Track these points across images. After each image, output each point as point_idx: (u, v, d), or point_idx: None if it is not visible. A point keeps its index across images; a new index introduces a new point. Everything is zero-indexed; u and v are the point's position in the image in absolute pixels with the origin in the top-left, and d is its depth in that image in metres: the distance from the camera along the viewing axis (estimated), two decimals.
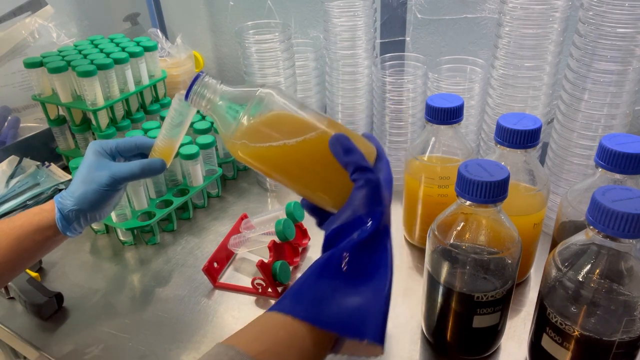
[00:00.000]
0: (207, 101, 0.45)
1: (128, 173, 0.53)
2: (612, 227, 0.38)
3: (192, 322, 0.61)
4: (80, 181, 0.53)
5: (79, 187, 0.53)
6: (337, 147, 0.42)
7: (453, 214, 0.49)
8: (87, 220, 0.54)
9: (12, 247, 0.52)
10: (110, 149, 0.55)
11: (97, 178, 0.52)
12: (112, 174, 0.52)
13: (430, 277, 0.51)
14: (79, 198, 0.52)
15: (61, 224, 0.53)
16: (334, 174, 0.44)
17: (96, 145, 0.55)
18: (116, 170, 0.53)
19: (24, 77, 0.97)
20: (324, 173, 0.45)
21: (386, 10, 0.88)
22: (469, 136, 0.76)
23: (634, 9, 0.54)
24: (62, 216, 0.53)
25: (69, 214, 0.53)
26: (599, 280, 0.42)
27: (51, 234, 0.53)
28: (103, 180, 0.52)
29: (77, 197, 0.52)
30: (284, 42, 0.73)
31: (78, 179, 0.53)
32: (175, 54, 1.06)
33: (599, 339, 0.42)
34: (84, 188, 0.52)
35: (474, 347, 0.53)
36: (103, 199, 0.53)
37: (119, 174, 0.52)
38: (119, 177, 0.52)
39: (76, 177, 0.54)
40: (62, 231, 0.53)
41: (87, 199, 0.52)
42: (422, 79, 0.73)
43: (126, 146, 0.55)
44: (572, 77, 0.61)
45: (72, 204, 0.52)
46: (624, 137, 0.49)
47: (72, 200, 0.53)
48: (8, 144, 0.91)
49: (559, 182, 0.66)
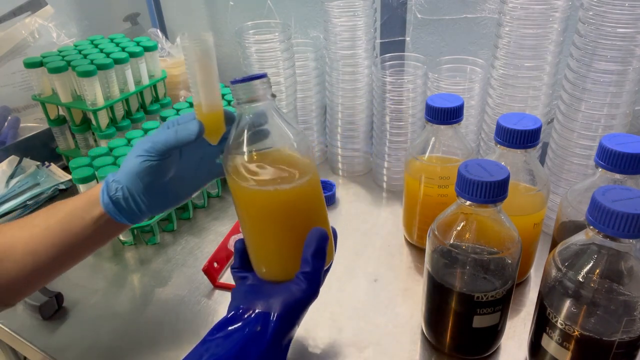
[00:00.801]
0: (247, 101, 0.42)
1: (164, 137, 0.46)
2: (612, 227, 0.38)
3: (192, 322, 0.61)
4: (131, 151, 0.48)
5: (127, 157, 0.48)
6: (312, 242, 0.43)
7: (453, 214, 0.49)
8: (130, 196, 0.47)
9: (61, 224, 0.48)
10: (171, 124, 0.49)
11: (141, 144, 0.47)
12: (152, 138, 0.47)
13: (430, 277, 0.51)
14: (122, 168, 0.48)
15: (102, 195, 0.47)
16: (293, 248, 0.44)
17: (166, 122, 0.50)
18: (155, 134, 0.47)
19: (24, 77, 0.97)
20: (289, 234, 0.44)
21: (386, 10, 0.88)
22: (469, 136, 0.76)
23: (634, 9, 0.54)
24: (106, 187, 0.47)
25: (113, 185, 0.47)
26: (599, 280, 0.42)
27: (98, 214, 0.48)
28: (144, 146, 0.46)
29: (121, 167, 0.48)
30: (284, 42, 0.73)
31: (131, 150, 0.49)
32: (175, 54, 1.06)
33: (599, 339, 0.42)
34: (129, 156, 0.48)
35: (474, 347, 0.53)
36: (143, 168, 0.46)
37: (156, 138, 0.46)
38: (156, 141, 0.46)
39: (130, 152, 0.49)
40: (104, 205, 0.47)
41: (128, 168, 0.47)
42: (422, 79, 0.73)
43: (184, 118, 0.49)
44: (572, 77, 0.61)
45: (117, 175, 0.48)
46: (624, 137, 0.49)
47: (118, 170, 0.48)
48: (8, 144, 0.91)
49: (559, 182, 0.66)
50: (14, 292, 0.50)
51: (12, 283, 0.48)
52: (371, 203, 0.81)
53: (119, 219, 0.48)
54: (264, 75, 0.43)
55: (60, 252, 0.48)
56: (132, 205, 0.48)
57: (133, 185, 0.47)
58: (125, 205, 0.47)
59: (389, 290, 0.64)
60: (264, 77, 0.43)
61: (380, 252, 0.70)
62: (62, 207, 0.49)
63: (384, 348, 0.56)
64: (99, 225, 0.48)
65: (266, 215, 0.44)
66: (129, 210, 0.48)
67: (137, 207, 0.48)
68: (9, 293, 0.49)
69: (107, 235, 0.50)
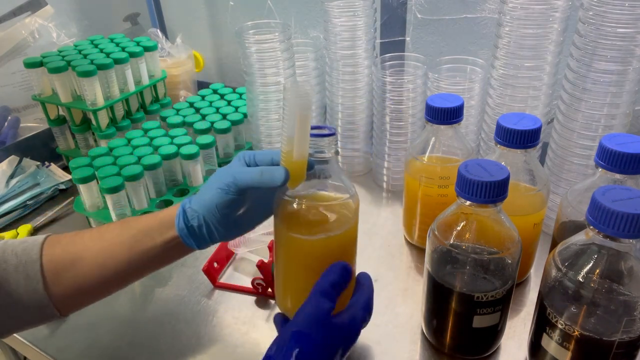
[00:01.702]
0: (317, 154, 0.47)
1: (248, 176, 0.47)
2: (612, 227, 0.38)
3: (192, 322, 0.61)
4: (209, 182, 0.49)
5: (205, 187, 0.49)
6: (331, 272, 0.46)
7: (453, 214, 0.49)
8: (205, 226, 0.48)
9: (132, 241, 0.48)
10: (251, 160, 0.50)
11: (223, 178, 0.48)
12: (235, 174, 0.47)
13: (430, 277, 0.51)
14: (201, 198, 0.48)
15: (178, 220, 0.48)
16: None
17: (241, 154, 0.51)
18: (238, 172, 0.47)
19: (24, 77, 0.97)
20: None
21: (386, 10, 0.88)
22: (469, 136, 0.76)
23: (634, 9, 0.54)
24: (184, 213, 0.48)
25: (190, 212, 0.48)
26: (599, 280, 0.42)
27: (170, 237, 0.48)
28: (226, 180, 0.47)
29: (200, 196, 0.49)
30: (284, 42, 0.73)
31: (208, 181, 0.50)
32: (175, 54, 1.06)
33: (599, 339, 0.42)
34: (208, 187, 0.48)
35: (474, 347, 0.53)
36: (222, 201, 0.47)
37: (239, 176, 0.47)
38: (239, 178, 0.47)
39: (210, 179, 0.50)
40: (179, 231, 0.48)
41: (207, 199, 0.48)
42: (422, 79, 0.73)
43: (264, 158, 0.50)
44: (572, 77, 0.61)
45: (194, 203, 0.48)
46: (624, 137, 0.49)
47: (196, 199, 0.49)
48: (8, 144, 0.91)
49: (559, 182, 0.66)
50: (73, 303, 0.50)
51: (74, 293, 0.48)
52: (371, 203, 0.81)
53: (189, 243, 0.49)
54: (333, 133, 0.47)
55: (127, 268, 0.49)
56: (204, 233, 0.49)
57: (210, 215, 0.48)
58: (198, 233, 0.48)
59: (389, 290, 0.64)
60: (333, 135, 0.47)
61: (380, 252, 0.70)
62: (134, 224, 0.49)
63: (384, 348, 0.56)
64: (167, 247, 0.49)
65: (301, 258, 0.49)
66: (201, 237, 0.49)
67: (210, 235, 0.49)
68: (68, 302, 0.49)
69: (173, 257, 0.51)
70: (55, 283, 0.47)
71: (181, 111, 0.90)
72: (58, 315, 0.48)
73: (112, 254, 0.48)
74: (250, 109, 0.79)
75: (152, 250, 0.49)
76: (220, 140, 0.86)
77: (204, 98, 0.95)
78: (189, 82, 1.08)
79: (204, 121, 0.86)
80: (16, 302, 0.46)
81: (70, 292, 0.48)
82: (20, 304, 0.46)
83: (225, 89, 0.99)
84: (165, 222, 0.49)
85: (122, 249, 0.48)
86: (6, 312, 0.47)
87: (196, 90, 1.10)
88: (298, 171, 0.46)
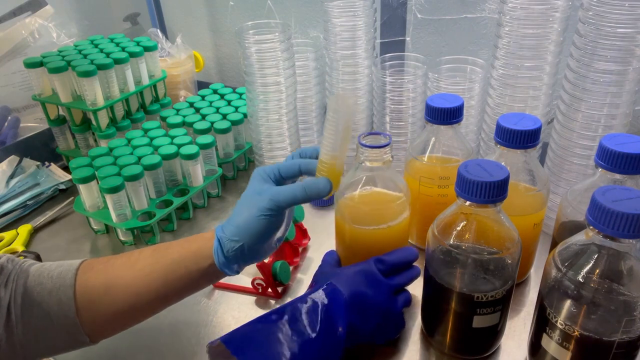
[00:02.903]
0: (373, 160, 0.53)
1: (290, 195, 0.47)
2: (612, 227, 0.38)
3: (192, 322, 0.61)
4: (242, 208, 0.48)
5: (240, 214, 0.48)
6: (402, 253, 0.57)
7: (453, 214, 0.49)
8: (246, 253, 0.48)
9: (166, 271, 0.48)
10: (274, 174, 0.50)
11: (258, 202, 0.47)
12: (272, 196, 0.47)
13: (430, 277, 0.51)
14: (239, 226, 0.47)
15: (217, 254, 0.48)
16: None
17: (259, 171, 0.50)
18: (276, 192, 0.47)
19: (24, 77, 0.97)
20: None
21: (386, 10, 0.88)
22: (469, 136, 0.76)
23: (634, 9, 0.54)
24: (220, 247, 0.48)
25: (228, 244, 0.47)
26: (599, 280, 0.42)
27: (206, 266, 0.48)
28: (263, 204, 0.47)
29: (237, 225, 0.47)
30: (284, 42, 0.73)
31: (240, 207, 0.49)
32: (175, 54, 1.06)
33: (599, 339, 0.42)
34: (245, 214, 0.47)
35: (474, 347, 0.53)
36: (264, 226, 0.47)
37: (280, 197, 0.47)
38: (280, 200, 0.47)
39: (238, 205, 0.49)
40: (218, 264, 0.48)
41: (248, 227, 0.47)
42: (422, 79, 0.73)
43: (289, 170, 0.50)
44: (572, 77, 0.61)
45: (231, 232, 0.47)
46: (624, 137, 0.49)
47: (233, 228, 0.47)
48: (8, 144, 0.91)
49: (559, 182, 0.66)
50: (104, 330, 0.49)
51: (105, 321, 0.48)
52: None
53: (229, 272, 0.49)
54: (389, 143, 0.53)
55: (161, 297, 0.49)
56: (247, 260, 0.49)
57: (253, 242, 0.47)
58: (241, 261, 0.49)
59: None
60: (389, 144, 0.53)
61: None
62: (167, 254, 0.49)
63: (384, 348, 0.56)
64: (203, 275, 0.49)
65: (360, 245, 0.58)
66: (243, 263, 0.49)
67: (253, 260, 0.49)
68: (99, 329, 0.49)
69: (209, 281, 0.52)
70: (87, 310, 0.47)
71: (181, 111, 0.90)
72: (88, 342, 0.48)
73: (146, 283, 0.48)
74: (250, 109, 0.79)
75: (187, 278, 0.48)
76: (220, 140, 0.86)
77: (204, 98, 0.95)
78: (189, 82, 1.08)
79: (204, 121, 0.86)
80: (48, 326, 0.46)
81: (102, 319, 0.48)
82: (52, 328, 0.46)
83: (225, 89, 0.99)
84: (200, 253, 0.48)
85: (156, 278, 0.48)
86: (39, 336, 0.46)
87: (196, 90, 1.10)
88: (338, 178, 0.48)
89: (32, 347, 0.46)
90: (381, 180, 0.57)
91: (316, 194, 0.47)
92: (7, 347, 0.45)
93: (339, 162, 0.47)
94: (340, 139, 0.45)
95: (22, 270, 0.47)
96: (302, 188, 0.47)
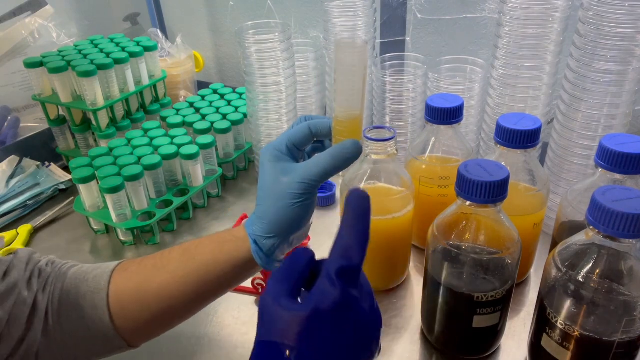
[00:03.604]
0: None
1: (321, 170, 0.41)
2: (612, 227, 0.38)
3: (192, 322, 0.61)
4: (269, 198, 0.42)
5: (269, 206, 0.42)
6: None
7: (453, 214, 0.49)
8: (289, 244, 0.44)
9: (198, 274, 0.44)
10: (287, 147, 0.44)
11: (287, 188, 0.41)
12: (302, 178, 0.41)
13: (430, 277, 0.51)
14: (273, 222, 0.42)
15: (259, 256, 0.43)
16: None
17: (269, 150, 0.44)
18: (305, 172, 0.41)
19: (24, 77, 0.97)
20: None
21: (386, 10, 0.88)
22: (469, 136, 0.76)
23: (634, 9, 0.54)
24: (258, 248, 0.43)
25: (267, 243, 0.43)
26: (599, 280, 0.41)
27: (243, 267, 0.44)
28: (294, 189, 0.41)
29: (271, 221, 0.42)
30: (284, 42, 0.73)
31: (265, 197, 0.43)
32: (175, 54, 1.06)
33: (599, 339, 0.42)
34: (278, 205, 0.42)
35: (474, 347, 0.53)
36: (301, 213, 0.42)
37: (310, 176, 0.41)
38: (312, 179, 0.41)
39: (261, 196, 0.43)
40: (264, 266, 0.44)
41: (284, 220, 0.42)
42: (422, 79, 0.73)
43: (300, 137, 0.44)
44: (572, 77, 0.61)
45: (266, 229, 0.43)
46: (624, 137, 0.49)
47: (266, 225, 0.43)
48: (8, 144, 0.91)
49: (559, 182, 0.66)
50: (141, 334, 0.47)
51: (141, 325, 0.45)
52: None
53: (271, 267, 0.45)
54: (394, 136, 0.53)
55: (195, 299, 0.46)
56: (289, 248, 0.45)
57: (293, 231, 0.43)
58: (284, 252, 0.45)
59: (389, 291, 0.64)
60: (394, 137, 0.53)
61: None
62: (198, 256, 0.45)
63: (384, 348, 0.56)
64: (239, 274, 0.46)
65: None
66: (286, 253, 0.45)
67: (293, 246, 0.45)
68: (136, 333, 0.46)
69: (245, 278, 0.48)
70: (120, 315, 0.45)
71: (181, 111, 0.90)
72: (126, 347, 0.46)
73: (179, 287, 0.45)
74: (250, 109, 0.79)
75: (222, 279, 0.45)
76: (220, 140, 0.86)
77: (204, 98, 0.95)
78: (189, 82, 1.08)
79: (204, 121, 0.86)
80: (85, 331, 0.44)
81: (136, 324, 0.45)
82: (89, 333, 0.44)
83: (225, 89, 0.99)
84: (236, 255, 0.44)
85: (189, 282, 0.45)
86: (77, 341, 0.44)
87: (196, 90, 1.10)
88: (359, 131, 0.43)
89: (71, 352, 0.44)
90: (386, 173, 0.57)
91: (348, 160, 0.41)
92: (47, 353, 0.43)
93: (361, 114, 0.41)
94: (359, 91, 0.40)
95: (60, 273, 0.46)
96: (330, 157, 0.41)
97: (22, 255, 0.46)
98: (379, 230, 0.58)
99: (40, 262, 0.46)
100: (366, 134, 0.54)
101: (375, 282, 0.63)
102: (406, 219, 0.58)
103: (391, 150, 0.54)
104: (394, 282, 0.64)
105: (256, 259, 0.44)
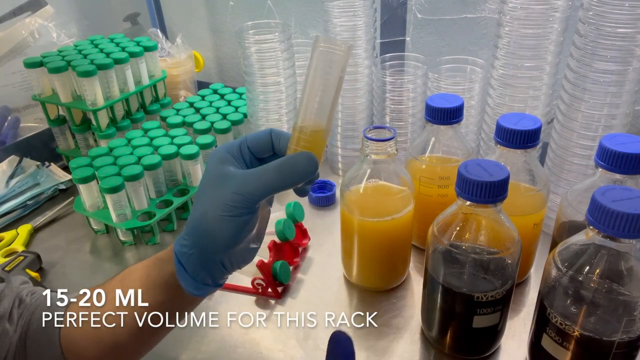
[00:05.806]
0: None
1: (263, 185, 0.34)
2: (612, 227, 0.38)
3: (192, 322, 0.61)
4: (200, 204, 0.36)
5: (197, 213, 0.36)
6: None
7: (453, 214, 0.49)
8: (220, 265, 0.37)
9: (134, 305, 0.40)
10: (240, 151, 0.38)
11: (219, 196, 0.35)
12: (238, 189, 0.34)
13: (430, 277, 0.51)
14: (195, 232, 0.36)
15: (183, 278, 0.37)
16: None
17: (219, 150, 0.38)
18: (244, 183, 0.35)
19: (24, 77, 0.97)
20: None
21: (386, 10, 0.88)
22: (469, 136, 0.76)
23: (634, 9, 0.54)
24: (182, 267, 0.37)
25: (189, 260, 0.37)
26: (599, 280, 0.41)
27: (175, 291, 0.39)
28: (227, 199, 0.34)
29: (192, 230, 0.36)
30: (284, 42, 0.73)
31: (197, 203, 0.37)
32: (175, 54, 1.06)
33: (599, 339, 0.42)
34: (204, 215, 0.35)
35: (474, 347, 0.53)
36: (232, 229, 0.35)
37: (249, 189, 0.34)
38: (252, 192, 0.34)
39: (195, 202, 0.37)
40: (190, 290, 0.38)
41: (208, 231, 0.35)
42: (422, 79, 0.73)
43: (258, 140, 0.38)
44: (572, 77, 0.61)
45: (187, 240, 0.37)
46: (624, 137, 0.49)
47: (189, 239, 0.37)
48: (8, 144, 0.91)
49: (559, 182, 0.66)
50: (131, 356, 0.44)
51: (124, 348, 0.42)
52: None
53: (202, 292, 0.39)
54: (394, 136, 0.53)
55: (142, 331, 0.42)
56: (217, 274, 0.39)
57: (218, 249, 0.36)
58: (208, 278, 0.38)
59: (389, 291, 0.64)
60: (394, 138, 0.53)
61: None
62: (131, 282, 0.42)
63: (384, 348, 0.56)
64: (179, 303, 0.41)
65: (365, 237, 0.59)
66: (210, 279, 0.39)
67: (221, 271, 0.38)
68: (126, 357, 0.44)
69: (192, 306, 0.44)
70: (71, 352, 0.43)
71: (181, 111, 0.90)
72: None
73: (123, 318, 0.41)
74: (250, 109, 0.79)
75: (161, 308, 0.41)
76: (220, 140, 0.86)
77: (204, 98, 0.95)
78: (189, 82, 1.08)
79: (204, 121, 0.86)
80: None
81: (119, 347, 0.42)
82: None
83: (225, 89, 0.99)
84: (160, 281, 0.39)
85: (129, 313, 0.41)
86: None
87: (196, 90, 1.10)
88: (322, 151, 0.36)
89: None
90: (386, 173, 0.57)
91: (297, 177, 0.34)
92: None
93: (327, 128, 0.35)
94: (332, 97, 0.34)
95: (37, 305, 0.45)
96: (276, 172, 0.34)
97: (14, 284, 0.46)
98: (379, 231, 0.58)
99: (22, 292, 0.45)
100: (366, 134, 0.54)
101: (375, 282, 0.63)
102: (406, 219, 0.58)
103: (391, 150, 0.54)
104: (394, 282, 0.64)
105: (180, 281, 0.38)
